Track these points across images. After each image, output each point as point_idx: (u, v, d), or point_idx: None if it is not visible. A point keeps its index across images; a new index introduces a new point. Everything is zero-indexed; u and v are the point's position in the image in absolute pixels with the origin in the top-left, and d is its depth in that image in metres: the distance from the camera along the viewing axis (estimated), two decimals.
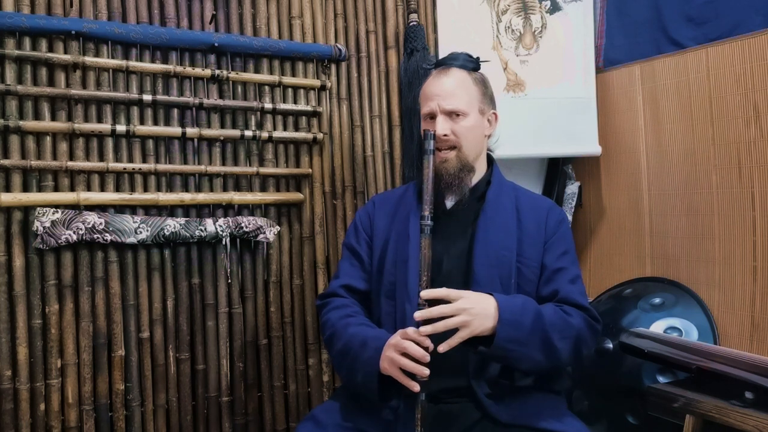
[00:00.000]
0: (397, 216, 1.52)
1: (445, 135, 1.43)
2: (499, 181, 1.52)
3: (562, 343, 1.31)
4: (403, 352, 1.23)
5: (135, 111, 1.71)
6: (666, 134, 2.12)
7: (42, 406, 1.59)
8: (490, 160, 1.56)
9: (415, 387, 1.21)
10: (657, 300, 1.99)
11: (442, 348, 1.22)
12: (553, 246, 1.45)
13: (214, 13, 1.83)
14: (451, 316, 1.22)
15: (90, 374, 1.64)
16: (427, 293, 1.24)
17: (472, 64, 1.51)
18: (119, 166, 1.67)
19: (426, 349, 1.22)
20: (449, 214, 1.49)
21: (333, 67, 2.00)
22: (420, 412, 1.21)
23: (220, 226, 1.76)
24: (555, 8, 2.25)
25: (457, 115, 1.44)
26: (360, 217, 1.59)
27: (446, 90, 1.45)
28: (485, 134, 1.52)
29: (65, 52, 1.62)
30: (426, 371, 1.21)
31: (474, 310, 1.24)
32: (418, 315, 1.23)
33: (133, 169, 1.69)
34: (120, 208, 1.68)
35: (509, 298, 1.31)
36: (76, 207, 1.62)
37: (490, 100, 1.52)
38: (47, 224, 1.56)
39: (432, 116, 1.46)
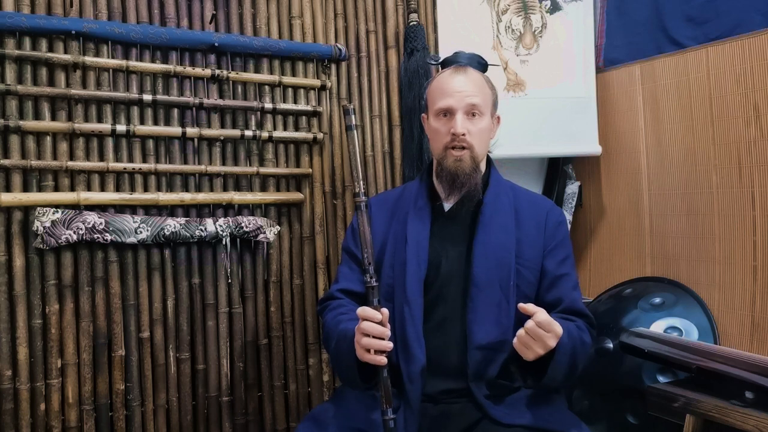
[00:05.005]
0: (394, 217, 1.52)
1: (463, 134, 1.42)
2: (497, 182, 1.51)
3: (582, 364, 1.35)
4: (365, 333, 1.23)
5: (135, 111, 1.71)
6: (666, 134, 2.12)
7: (42, 406, 1.59)
8: (488, 161, 1.56)
9: (383, 360, 1.22)
10: (657, 300, 1.99)
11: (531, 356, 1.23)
12: (554, 251, 1.45)
13: (214, 13, 1.83)
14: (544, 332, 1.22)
15: (90, 374, 1.64)
16: (527, 308, 1.23)
17: (482, 66, 1.51)
18: (119, 165, 1.67)
19: (381, 323, 1.23)
20: (448, 216, 1.48)
21: (333, 67, 2.00)
22: (383, 389, 1.23)
23: (220, 226, 1.76)
24: (555, 8, 2.25)
25: (475, 114, 1.43)
26: (357, 220, 1.58)
27: (467, 87, 1.44)
28: (491, 136, 1.52)
29: (65, 52, 1.62)
30: (389, 345, 1.22)
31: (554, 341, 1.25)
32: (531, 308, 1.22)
33: (133, 169, 1.69)
34: (120, 208, 1.68)
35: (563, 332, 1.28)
36: (76, 207, 1.62)
37: (497, 103, 1.53)
38: (47, 224, 1.56)
39: (448, 113, 1.45)
